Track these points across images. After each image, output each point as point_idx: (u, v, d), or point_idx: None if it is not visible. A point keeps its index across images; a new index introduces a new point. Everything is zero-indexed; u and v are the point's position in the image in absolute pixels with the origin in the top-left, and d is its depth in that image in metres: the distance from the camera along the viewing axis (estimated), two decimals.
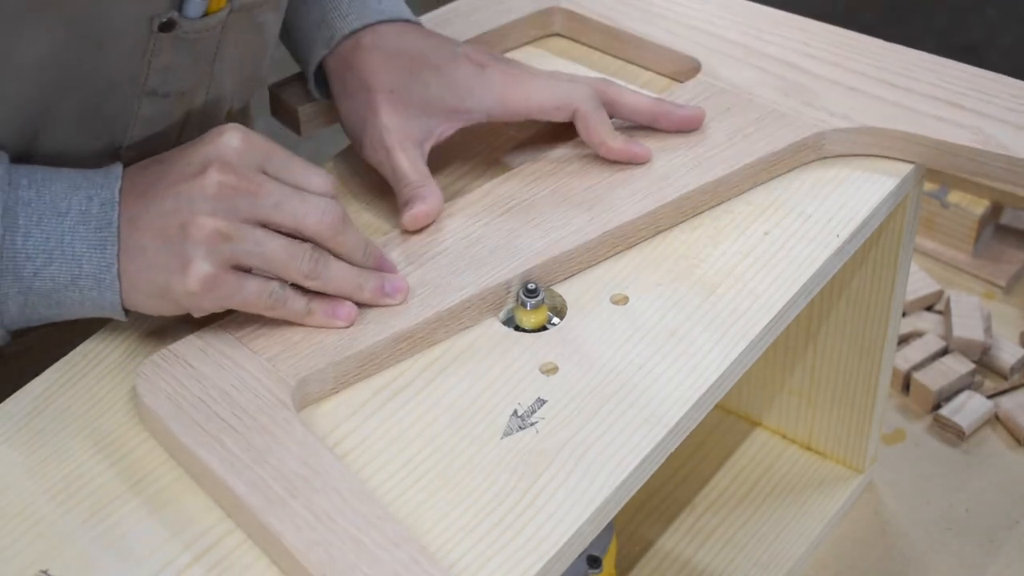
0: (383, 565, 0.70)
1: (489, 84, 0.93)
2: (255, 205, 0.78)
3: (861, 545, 1.13)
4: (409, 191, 0.90)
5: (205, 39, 0.87)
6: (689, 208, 0.91)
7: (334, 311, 0.82)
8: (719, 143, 0.94)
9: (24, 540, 0.74)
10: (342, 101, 0.95)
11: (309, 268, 0.80)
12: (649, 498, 1.14)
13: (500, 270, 0.86)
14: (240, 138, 0.80)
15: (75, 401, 0.81)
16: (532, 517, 0.74)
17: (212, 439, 0.76)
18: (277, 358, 0.81)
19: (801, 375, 1.14)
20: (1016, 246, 1.36)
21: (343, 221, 0.81)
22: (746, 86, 0.99)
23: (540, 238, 0.88)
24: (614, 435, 0.78)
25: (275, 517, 0.72)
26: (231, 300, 0.80)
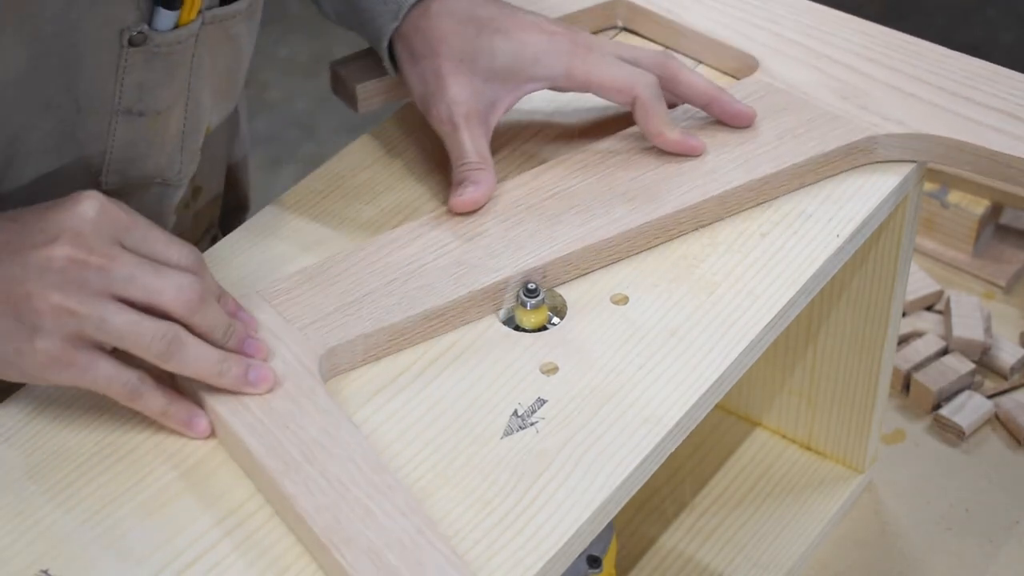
0: (388, 533, 0.71)
1: (557, 52, 0.92)
2: (106, 279, 0.74)
3: (861, 545, 1.13)
4: (464, 171, 0.90)
5: (178, 53, 0.86)
6: (734, 204, 0.91)
7: (189, 421, 0.78)
8: (768, 142, 0.94)
9: (24, 540, 0.74)
10: (409, 68, 0.93)
11: (161, 348, 0.75)
12: (649, 498, 1.14)
13: (537, 254, 0.87)
14: (96, 208, 0.76)
15: (75, 401, 0.81)
16: (532, 517, 0.74)
17: (237, 402, 0.77)
18: (309, 327, 0.82)
19: (801, 375, 1.14)
20: (1016, 246, 1.36)
21: (202, 298, 0.76)
22: (802, 86, 0.98)
23: (580, 225, 0.89)
24: (614, 435, 0.78)
25: (289, 480, 0.74)
26: (80, 379, 0.76)
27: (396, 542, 0.71)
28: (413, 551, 0.71)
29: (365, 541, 0.71)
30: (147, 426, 0.80)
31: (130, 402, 0.77)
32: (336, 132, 2.75)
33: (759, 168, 0.92)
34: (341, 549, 0.71)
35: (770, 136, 0.94)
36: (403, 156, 0.99)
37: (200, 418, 0.78)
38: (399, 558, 0.70)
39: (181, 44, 0.85)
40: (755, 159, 0.93)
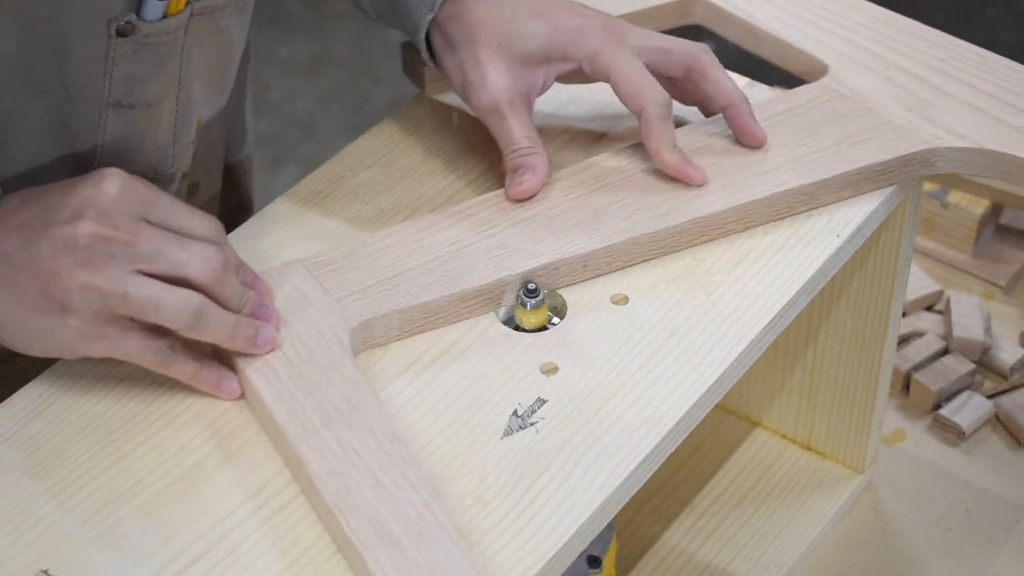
0: (395, 504, 0.72)
1: (590, 34, 0.92)
2: (132, 254, 0.76)
3: (861, 545, 1.13)
4: (517, 157, 0.90)
5: (167, 44, 0.86)
6: (783, 207, 0.91)
7: (219, 383, 0.80)
8: (825, 147, 0.93)
9: (24, 540, 0.74)
10: (447, 57, 0.93)
11: (187, 319, 0.77)
12: (649, 498, 1.14)
13: (578, 243, 0.87)
14: (120, 184, 0.77)
15: (75, 401, 0.81)
16: (532, 517, 0.74)
17: (267, 366, 0.80)
18: (346, 299, 0.84)
19: (801, 375, 1.14)
20: (1016, 246, 1.36)
21: (225, 269, 0.79)
22: (868, 94, 0.98)
23: (624, 218, 0.89)
24: (614, 435, 0.78)
25: (306, 445, 0.75)
26: (113, 350, 0.78)
27: (401, 513, 0.72)
28: (417, 523, 0.72)
29: (371, 510, 0.72)
30: (147, 426, 0.80)
31: (162, 369, 0.79)
32: (336, 132, 2.75)
33: (814, 172, 0.91)
34: (346, 515, 0.72)
35: (828, 142, 0.94)
36: (403, 156, 0.99)
37: (230, 380, 0.81)
38: (402, 529, 0.72)
39: (170, 35, 0.85)
40: (811, 163, 0.92)
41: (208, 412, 0.81)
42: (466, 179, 0.97)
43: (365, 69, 2.91)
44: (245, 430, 0.80)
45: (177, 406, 0.81)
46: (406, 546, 0.71)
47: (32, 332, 0.78)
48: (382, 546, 0.71)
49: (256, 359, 0.80)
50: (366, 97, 2.85)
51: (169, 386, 0.82)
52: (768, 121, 0.96)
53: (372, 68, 2.91)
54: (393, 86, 2.86)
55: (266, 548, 0.74)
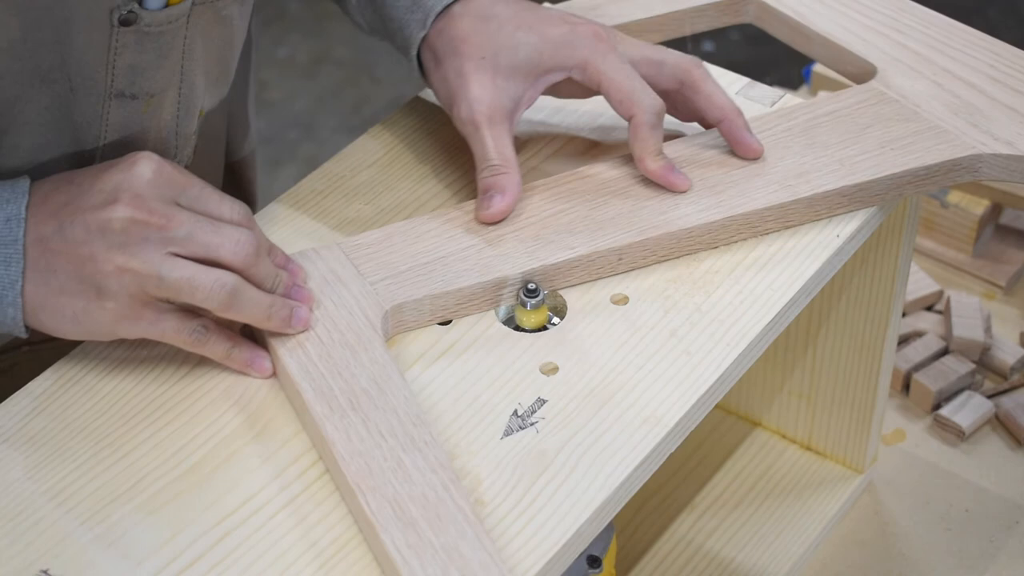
0: (414, 485, 0.73)
1: (578, 42, 0.91)
2: (166, 237, 0.77)
3: (861, 545, 1.13)
4: (488, 176, 0.90)
5: (169, 33, 0.86)
6: (824, 208, 0.91)
7: (252, 362, 0.82)
8: (869, 149, 0.93)
9: (24, 540, 0.74)
10: (433, 71, 0.94)
11: (222, 298, 0.78)
12: (649, 498, 1.14)
13: (613, 237, 0.87)
14: (152, 168, 0.79)
15: (75, 401, 0.81)
16: (532, 517, 0.74)
17: (298, 345, 0.81)
18: (380, 283, 0.85)
19: (801, 375, 1.14)
20: (1016, 246, 1.36)
21: (257, 252, 0.80)
22: (915, 98, 0.97)
23: (661, 213, 0.89)
24: (614, 435, 0.78)
25: (332, 425, 0.77)
26: (149, 331, 0.79)
27: (420, 495, 0.73)
28: (436, 506, 0.73)
29: (391, 491, 0.73)
30: (147, 426, 0.80)
31: (196, 348, 0.81)
32: (336, 132, 2.75)
33: (856, 175, 0.91)
34: (367, 495, 0.73)
35: (872, 144, 0.93)
36: (402, 156, 0.99)
37: (263, 359, 0.82)
38: (420, 510, 0.72)
39: (172, 25, 0.85)
40: (854, 165, 0.92)
41: (208, 413, 0.81)
42: (466, 179, 0.97)
43: (364, 69, 2.91)
44: (246, 431, 0.80)
45: (177, 406, 0.81)
46: (423, 528, 0.72)
47: (68, 315, 0.79)
48: (399, 527, 0.72)
49: (288, 339, 0.81)
50: (365, 97, 2.85)
51: (169, 385, 0.82)
52: (813, 122, 0.95)
53: (371, 68, 2.91)
54: (393, 86, 2.86)
55: (282, 535, 0.74)
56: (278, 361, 0.81)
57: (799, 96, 1.10)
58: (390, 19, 0.95)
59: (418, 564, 0.70)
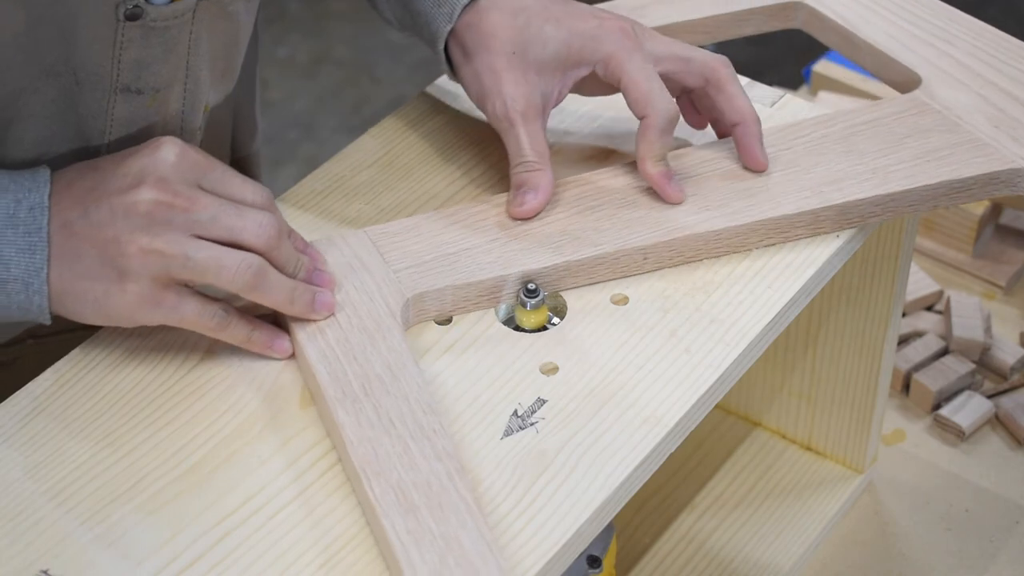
0: (419, 473, 0.74)
1: (605, 38, 0.91)
2: (190, 220, 0.78)
3: (861, 545, 1.13)
4: (522, 172, 0.90)
5: (175, 28, 0.86)
6: (856, 217, 0.90)
7: (271, 343, 0.83)
8: (906, 159, 0.92)
9: (24, 540, 0.74)
10: (463, 66, 0.93)
11: (247, 279, 0.79)
12: (649, 498, 1.14)
13: (641, 235, 0.87)
14: (176, 152, 0.80)
15: (75, 401, 0.81)
16: (532, 517, 0.74)
17: (316, 329, 0.82)
18: (403, 271, 0.85)
19: (801, 375, 1.14)
20: (1016, 246, 1.36)
21: (279, 235, 0.81)
22: (957, 109, 0.97)
23: (691, 214, 0.89)
24: (614, 435, 0.78)
25: (343, 409, 0.77)
26: (169, 317, 0.80)
27: (424, 483, 0.73)
28: (439, 494, 0.73)
29: (395, 477, 0.74)
30: (147, 426, 0.80)
31: (218, 332, 0.81)
32: (336, 132, 2.75)
33: (890, 184, 0.91)
34: (371, 480, 0.74)
35: (909, 155, 0.93)
36: (402, 156, 0.99)
37: (282, 340, 0.83)
38: (423, 498, 0.73)
39: (178, 20, 0.85)
40: (888, 175, 0.91)
41: (208, 413, 0.81)
42: (467, 178, 0.97)
43: (364, 69, 2.91)
44: (245, 432, 0.80)
45: (177, 406, 0.81)
46: (424, 515, 0.72)
47: (90, 300, 0.79)
48: (400, 513, 0.72)
49: (308, 322, 0.82)
50: (365, 97, 2.85)
51: (169, 386, 0.82)
52: (852, 130, 0.95)
53: (371, 68, 2.92)
54: (393, 86, 2.86)
55: (282, 535, 0.74)
56: (297, 344, 0.82)
57: (799, 96, 1.10)
58: (417, 13, 0.95)
59: (416, 551, 0.71)
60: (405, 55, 2.94)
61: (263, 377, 0.82)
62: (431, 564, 0.70)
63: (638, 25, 0.93)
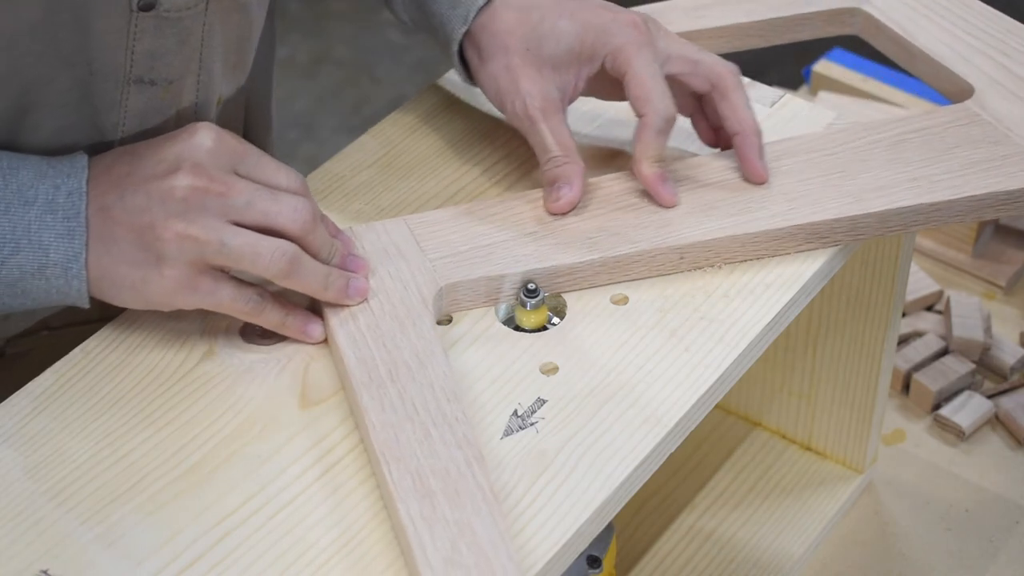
0: (438, 459, 0.74)
1: (616, 31, 0.91)
2: (226, 205, 0.79)
3: (861, 545, 1.13)
4: (552, 167, 0.90)
5: (188, 19, 0.86)
6: (897, 225, 0.90)
7: (305, 328, 0.83)
8: (952, 170, 0.92)
9: (24, 540, 0.74)
10: (479, 68, 0.94)
11: (282, 266, 0.80)
12: (649, 498, 1.14)
13: (679, 234, 0.87)
14: (212, 138, 0.80)
15: (75, 401, 0.81)
16: (532, 517, 0.74)
17: (348, 314, 0.83)
18: (439, 261, 0.86)
19: (801, 375, 1.14)
20: (1016, 246, 1.36)
21: (314, 219, 0.82)
22: (1009, 121, 0.96)
23: (729, 216, 0.89)
24: (614, 435, 0.78)
25: (368, 393, 0.78)
26: (206, 301, 0.80)
27: (442, 469, 0.74)
28: (456, 480, 0.73)
29: (414, 462, 0.74)
30: (147, 426, 0.80)
31: (253, 317, 0.82)
32: (336, 132, 2.75)
33: (933, 194, 0.90)
34: (390, 464, 0.74)
35: (956, 165, 0.92)
36: (402, 156, 0.99)
37: (316, 325, 0.84)
38: (440, 484, 0.73)
39: (191, 11, 0.85)
40: (933, 184, 0.91)
41: (208, 413, 0.81)
42: (467, 178, 0.97)
43: (364, 69, 2.91)
44: (245, 432, 0.80)
45: (177, 406, 0.81)
46: (440, 501, 0.72)
47: (128, 285, 0.80)
48: (416, 498, 0.73)
49: (341, 307, 0.83)
50: (365, 97, 2.85)
51: (169, 386, 0.82)
52: (900, 137, 0.94)
53: (371, 68, 2.91)
54: (393, 86, 2.86)
55: (282, 535, 0.74)
56: (328, 328, 0.83)
57: (799, 96, 1.10)
58: (432, 15, 0.95)
59: (428, 536, 0.71)
60: (405, 55, 2.94)
61: (263, 377, 0.83)
62: (442, 549, 0.71)
63: (652, 22, 0.93)
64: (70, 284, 0.80)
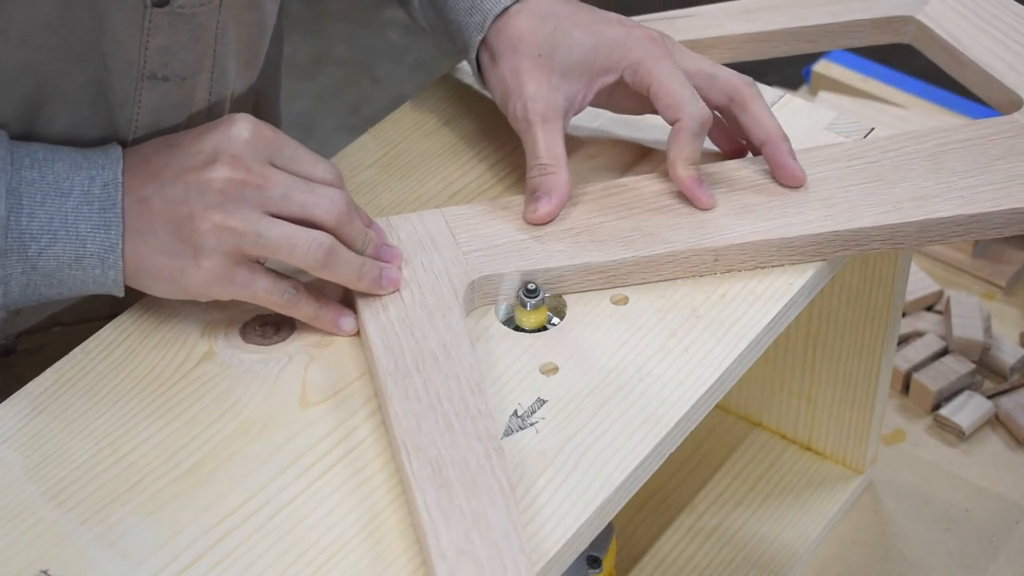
0: (457, 450, 0.75)
1: (634, 45, 0.91)
2: (263, 197, 0.80)
3: (861, 545, 1.13)
4: (536, 175, 0.90)
5: (202, 15, 0.86)
6: (936, 235, 0.89)
7: (338, 321, 0.84)
8: (995, 181, 0.91)
9: (24, 540, 0.74)
10: (490, 70, 0.94)
11: (318, 256, 0.81)
12: (649, 498, 1.14)
13: (715, 236, 0.87)
14: (250, 129, 0.81)
15: (75, 401, 0.81)
16: (532, 517, 0.74)
17: (379, 302, 0.84)
18: (472, 254, 0.87)
19: (801, 375, 1.14)
20: (1016, 246, 1.36)
21: (349, 210, 0.82)
22: None
23: (765, 219, 0.89)
24: (614, 435, 0.78)
25: (393, 381, 0.79)
26: (241, 292, 0.81)
27: (461, 460, 0.74)
28: (475, 472, 0.74)
29: (434, 452, 0.75)
30: (147, 426, 0.80)
31: (287, 309, 0.83)
32: (336, 132, 2.75)
33: (974, 205, 0.90)
34: (410, 453, 0.75)
35: (999, 176, 0.92)
36: (402, 156, 0.99)
37: (348, 318, 0.84)
38: (458, 475, 0.74)
39: (205, 7, 0.86)
40: (975, 195, 0.90)
41: (208, 413, 0.81)
42: (467, 178, 0.97)
43: (364, 69, 2.91)
44: (245, 432, 0.80)
45: (177, 406, 0.81)
46: (456, 491, 0.73)
47: (165, 275, 0.81)
48: (433, 488, 0.73)
49: (373, 296, 0.84)
50: (365, 97, 2.85)
51: (169, 385, 0.82)
52: (943, 147, 0.94)
53: (371, 68, 2.91)
54: (393, 86, 2.86)
55: (282, 535, 0.74)
56: (360, 318, 0.84)
57: (799, 96, 1.10)
58: (450, 21, 0.96)
59: (443, 525, 0.72)
60: (405, 55, 2.94)
61: (263, 377, 0.83)
62: (456, 540, 0.71)
63: (666, 36, 0.93)
64: (106, 274, 0.81)
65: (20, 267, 0.79)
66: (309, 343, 0.84)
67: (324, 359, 0.84)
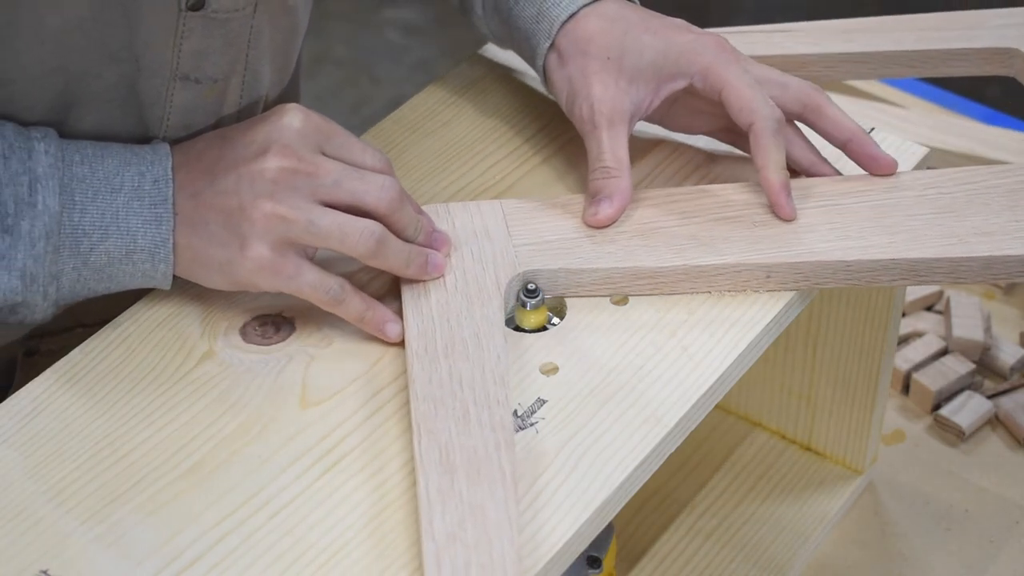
0: (470, 437, 0.75)
1: (703, 50, 0.91)
2: (314, 185, 0.81)
3: (861, 545, 1.13)
4: (599, 178, 0.90)
5: (235, 21, 0.86)
6: (1001, 272, 0.86)
7: (383, 326, 0.84)
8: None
9: (24, 540, 0.74)
10: (557, 72, 0.93)
11: (370, 245, 0.81)
12: (649, 498, 1.14)
13: (769, 253, 0.86)
14: (301, 119, 0.82)
15: (75, 401, 0.81)
16: (532, 517, 0.74)
17: (422, 289, 0.85)
18: (522, 247, 0.87)
19: (801, 375, 1.14)
20: None
21: (400, 198, 0.83)
22: None
23: (825, 240, 0.87)
24: (614, 435, 0.78)
25: (419, 364, 0.80)
26: (287, 286, 0.82)
27: (470, 448, 0.75)
28: (483, 460, 0.74)
29: (445, 437, 0.75)
30: (147, 426, 0.80)
31: (332, 307, 0.83)
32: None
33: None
34: (422, 435, 0.76)
35: None
36: (403, 156, 0.99)
37: (394, 324, 0.84)
38: (464, 461, 0.74)
39: (239, 12, 0.86)
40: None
41: (208, 413, 0.81)
42: (467, 178, 0.97)
43: (364, 69, 2.91)
44: (245, 432, 0.80)
45: (177, 406, 0.81)
46: (459, 478, 0.73)
47: (215, 266, 0.82)
48: (437, 472, 0.73)
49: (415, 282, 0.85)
50: (365, 97, 2.85)
51: (169, 385, 0.82)
52: (1021, 184, 0.91)
53: (371, 68, 2.91)
54: (393, 86, 2.86)
55: (282, 535, 0.74)
56: (402, 298, 0.84)
57: None
58: (516, 29, 0.96)
59: (439, 509, 0.72)
60: (405, 55, 2.94)
61: (263, 377, 0.83)
62: (448, 524, 0.71)
63: (731, 45, 0.93)
64: (156, 268, 0.82)
65: (72, 262, 0.80)
66: (309, 343, 0.84)
67: (324, 359, 0.84)
